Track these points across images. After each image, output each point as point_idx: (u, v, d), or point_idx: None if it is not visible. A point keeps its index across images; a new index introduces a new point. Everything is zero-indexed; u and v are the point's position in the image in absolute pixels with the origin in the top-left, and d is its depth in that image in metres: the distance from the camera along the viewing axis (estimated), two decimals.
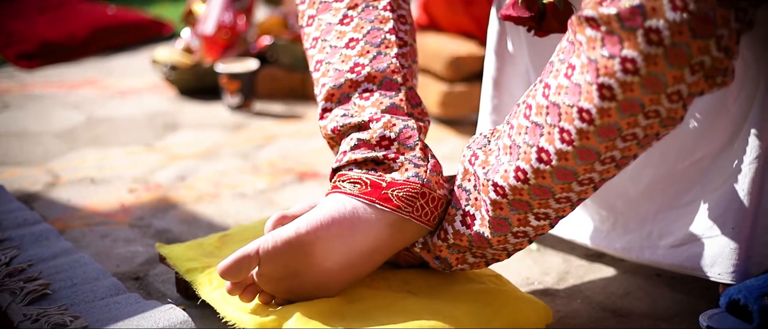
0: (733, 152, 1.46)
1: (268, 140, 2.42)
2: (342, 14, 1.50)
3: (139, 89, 2.92)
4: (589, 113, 1.16)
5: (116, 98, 2.81)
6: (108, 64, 3.25)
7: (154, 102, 2.77)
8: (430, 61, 2.51)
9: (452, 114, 2.49)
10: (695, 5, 1.07)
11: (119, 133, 2.46)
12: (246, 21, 2.86)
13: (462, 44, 2.53)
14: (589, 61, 1.14)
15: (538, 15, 1.49)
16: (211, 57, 2.76)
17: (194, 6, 2.89)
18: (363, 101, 1.45)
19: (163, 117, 2.61)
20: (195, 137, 2.44)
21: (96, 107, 2.70)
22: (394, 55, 1.47)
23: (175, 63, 2.78)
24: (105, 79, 3.03)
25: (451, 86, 2.47)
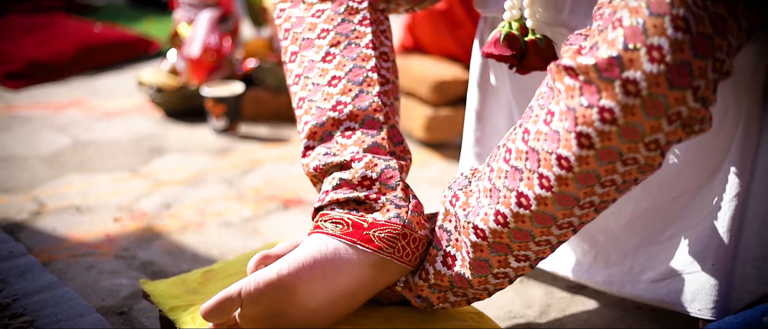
0: (713, 189, 1.47)
1: (254, 165, 2.43)
2: (324, 51, 1.51)
3: (126, 110, 2.92)
4: (568, 161, 1.17)
5: (102, 120, 2.81)
6: (94, 84, 3.25)
7: (140, 124, 2.77)
8: (415, 85, 2.52)
9: (437, 138, 2.50)
10: (672, 57, 1.08)
11: (105, 157, 2.46)
12: (232, 43, 2.86)
13: (447, 68, 2.54)
14: (568, 109, 1.15)
15: (519, 53, 1.50)
16: (197, 79, 2.77)
17: (180, 28, 2.89)
18: (345, 140, 1.46)
19: (149, 141, 2.62)
20: (180, 161, 2.44)
21: (82, 130, 2.70)
22: (376, 93, 1.48)
23: (161, 85, 2.78)
24: (91, 100, 3.03)
25: (436, 110, 2.48)
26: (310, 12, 1.54)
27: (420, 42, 2.70)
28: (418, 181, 2.31)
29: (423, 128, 2.48)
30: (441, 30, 2.59)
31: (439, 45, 2.64)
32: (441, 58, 2.65)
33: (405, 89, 2.57)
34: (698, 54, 1.09)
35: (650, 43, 1.09)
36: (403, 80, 2.55)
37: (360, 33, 1.52)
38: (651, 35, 1.09)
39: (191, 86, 2.78)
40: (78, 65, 3.38)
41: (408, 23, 2.70)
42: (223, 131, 2.65)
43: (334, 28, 1.52)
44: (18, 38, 3.49)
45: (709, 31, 1.10)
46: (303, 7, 1.55)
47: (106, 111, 2.92)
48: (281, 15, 1.58)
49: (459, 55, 2.60)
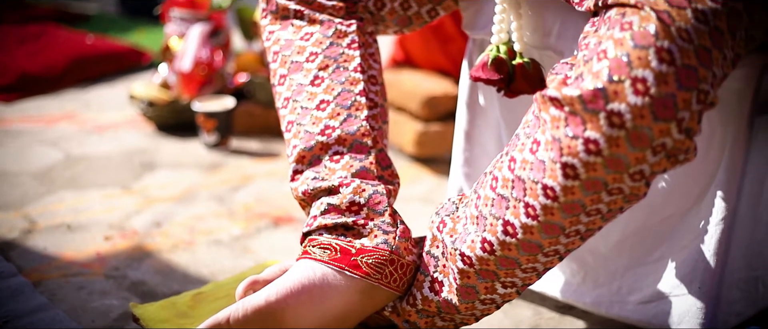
0: (700, 212, 1.48)
1: (245, 180, 2.43)
2: (313, 75, 1.51)
3: (117, 123, 2.93)
4: (554, 190, 1.18)
5: (94, 134, 2.81)
6: (86, 96, 3.25)
7: (132, 138, 2.78)
8: (405, 100, 2.53)
9: (427, 153, 2.51)
10: (656, 89, 1.09)
11: (96, 173, 2.47)
12: (223, 57, 2.87)
13: (437, 83, 2.54)
14: (553, 140, 1.16)
15: (507, 77, 1.51)
16: (189, 93, 2.77)
17: (171, 42, 2.89)
18: (333, 164, 1.46)
19: (141, 155, 2.62)
20: (172, 177, 2.44)
21: (74, 144, 2.70)
22: (365, 117, 1.48)
23: (153, 99, 2.79)
24: (83, 113, 3.03)
25: (427, 126, 2.49)
26: (299, 35, 1.54)
27: (411, 56, 2.70)
28: (407, 198, 2.31)
29: (413, 143, 2.49)
30: (432, 45, 2.60)
31: (430, 59, 2.65)
32: (432, 72, 2.65)
33: (395, 104, 2.57)
34: (683, 86, 1.10)
35: (635, 75, 1.10)
36: (393, 95, 2.56)
37: (348, 56, 1.52)
38: (635, 67, 1.10)
39: (182, 100, 2.78)
40: (70, 77, 3.38)
41: (399, 37, 2.70)
42: (214, 146, 2.65)
43: (322, 52, 1.52)
44: (9, 49, 3.48)
45: (693, 62, 1.11)
46: (291, 29, 1.55)
47: (98, 125, 2.92)
48: (270, 37, 1.59)
49: (450, 70, 2.61)
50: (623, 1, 1.17)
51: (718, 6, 1.15)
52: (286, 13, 1.56)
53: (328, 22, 1.54)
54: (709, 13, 1.14)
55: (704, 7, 1.14)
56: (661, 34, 1.10)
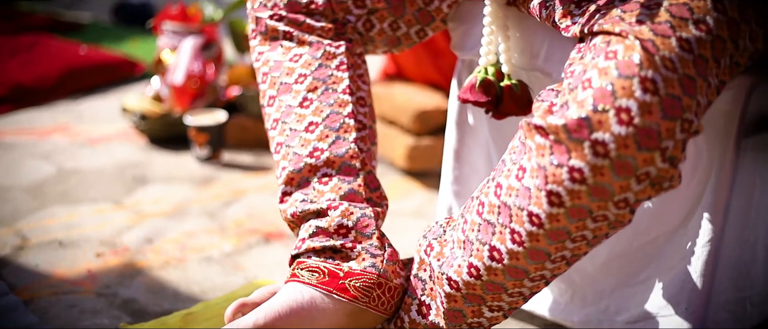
0: (687, 233, 1.48)
1: (236, 195, 2.43)
2: (302, 97, 1.52)
3: (109, 136, 2.93)
4: (539, 217, 1.18)
5: (86, 147, 2.81)
6: (79, 108, 3.25)
7: (124, 152, 2.78)
8: (397, 114, 2.53)
9: (419, 167, 2.51)
10: (640, 119, 1.10)
11: (88, 187, 2.47)
12: (215, 70, 2.87)
13: (429, 96, 2.55)
14: (539, 167, 1.17)
15: (495, 99, 1.52)
16: (181, 106, 2.78)
17: (163, 55, 2.90)
18: (322, 186, 1.47)
19: (133, 169, 2.62)
20: (163, 192, 2.45)
21: (66, 158, 2.70)
22: (353, 139, 1.49)
23: (145, 112, 2.79)
24: (75, 126, 3.04)
25: (418, 140, 2.49)
26: (288, 56, 1.55)
27: (402, 69, 2.71)
28: (398, 212, 2.32)
29: (404, 157, 2.49)
30: (423, 58, 2.61)
31: (422, 73, 2.65)
32: (423, 85, 2.66)
33: (387, 118, 2.58)
34: (667, 116, 1.11)
35: (619, 105, 1.10)
36: (385, 108, 2.57)
37: (337, 78, 1.53)
38: (620, 97, 1.10)
39: (175, 114, 2.79)
40: (63, 88, 3.38)
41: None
42: (206, 160, 2.66)
43: (311, 73, 1.53)
44: (2, 60, 3.48)
45: (677, 92, 1.12)
46: (281, 50, 1.56)
47: (90, 137, 2.92)
48: (259, 58, 1.59)
49: (441, 84, 2.61)
50: (608, 30, 1.18)
51: (703, 34, 1.16)
52: (276, 35, 1.57)
53: (317, 43, 1.55)
54: (693, 42, 1.15)
55: (689, 36, 1.15)
56: (646, 63, 1.11)
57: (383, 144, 2.58)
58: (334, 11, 1.56)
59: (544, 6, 1.40)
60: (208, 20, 2.97)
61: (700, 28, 1.17)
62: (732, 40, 1.21)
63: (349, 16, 1.57)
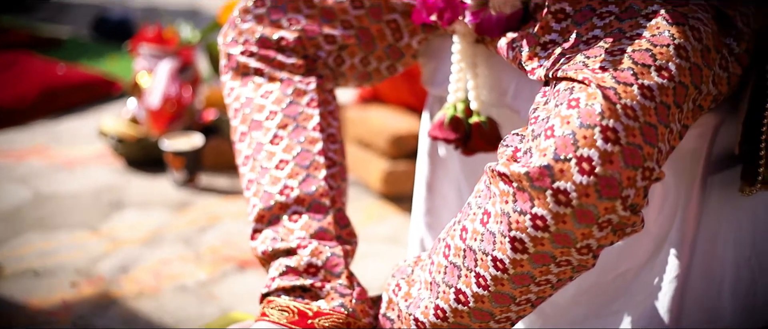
0: (654, 269, 1.50)
1: (212, 221, 2.44)
2: (272, 134, 1.53)
3: (87, 158, 2.93)
4: (503, 263, 1.20)
5: (63, 170, 2.82)
6: (56, 129, 3.25)
7: (101, 175, 2.78)
8: (372, 137, 2.54)
9: (394, 191, 2.52)
10: (601, 169, 1.11)
11: (65, 213, 2.47)
12: (192, 92, 2.88)
13: (404, 120, 2.56)
14: (503, 213, 1.18)
15: (464, 136, 1.53)
16: (158, 129, 2.78)
17: (139, 78, 2.90)
18: (292, 224, 1.48)
19: (109, 194, 2.63)
20: (139, 217, 2.46)
21: (43, 182, 2.71)
22: (323, 177, 1.50)
23: (122, 136, 2.79)
24: (53, 148, 3.04)
25: (394, 164, 2.50)
26: (259, 92, 1.56)
27: (378, 92, 2.72)
28: (373, 237, 2.33)
29: (380, 181, 2.50)
30: (398, 82, 2.62)
31: (397, 96, 2.66)
32: (399, 108, 2.67)
33: (363, 141, 2.59)
34: (628, 165, 1.12)
35: (580, 154, 1.11)
36: (360, 131, 2.58)
37: (307, 115, 1.54)
38: (581, 147, 1.12)
39: (152, 137, 2.79)
40: (41, 109, 3.38)
41: None
42: (182, 184, 2.66)
43: (281, 110, 1.54)
44: None
45: (638, 141, 1.13)
46: (252, 86, 1.57)
47: (67, 159, 2.93)
48: (231, 94, 1.60)
49: (417, 106, 2.62)
50: (572, 76, 1.19)
51: (665, 81, 1.17)
52: (247, 70, 1.58)
53: (288, 80, 1.56)
54: (655, 89, 1.16)
55: (651, 83, 1.16)
56: (607, 112, 1.12)
57: (359, 167, 2.59)
58: (305, 47, 1.57)
59: (511, 47, 1.41)
60: (185, 43, 2.97)
61: (662, 74, 1.18)
62: (694, 85, 1.22)
63: (320, 52, 1.58)
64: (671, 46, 1.20)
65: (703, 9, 1.27)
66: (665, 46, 1.20)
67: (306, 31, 1.55)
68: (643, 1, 1.27)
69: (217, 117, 2.85)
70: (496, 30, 1.44)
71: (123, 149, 2.80)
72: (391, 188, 2.50)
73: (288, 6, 1.56)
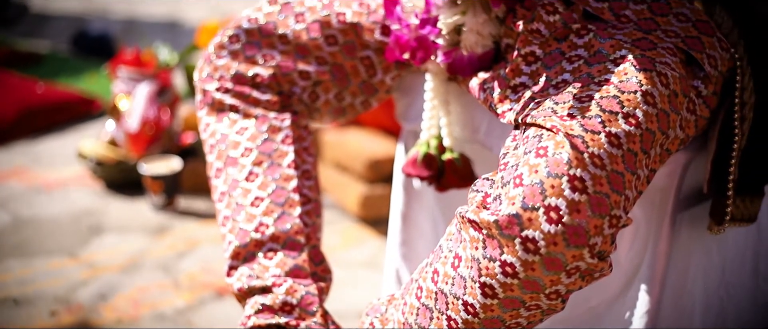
0: (625, 303, 1.52)
1: (190, 246, 2.45)
2: (248, 171, 1.55)
3: (66, 180, 2.94)
4: (474, 307, 1.21)
5: (43, 193, 2.82)
6: (36, 149, 3.25)
7: (80, 198, 2.79)
8: (350, 161, 2.56)
9: (372, 215, 2.54)
10: (569, 218, 1.13)
11: (44, 238, 2.48)
12: (170, 115, 2.89)
13: (382, 144, 2.57)
14: (473, 259, 1.20)
15: (436, 172, 1.55)
16: (136, 152, 2.79)
17: (118, 100, 2.91)
18: (267, 261, 1.50)
19: (89, 218, 2.63)
20: (118, 242, 2.47)
21: (22, 205, 2.71)
22: (298, 215, 1.52)
23: (101, 158, 2.80)
24: (32, 169, 3.04)
25: (371, 188, 2.52)
26: (234, 129, 1.57)
27: None
28: (351, 262, 2.34)
29: (357, 205, 2.52)
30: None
31: (375, 118, 2.68)
32: (376, 130, 2.68)
33: (341, 164, 2.61)
34: (595, 213, 1.14)
35: (548, 203, 1.13)
36: (338, 154, 2.60)
37: (282, 152, 1.56)
38: (549, 196, 1.13)
39: (130, 160, 2.80)
40: (20, 129, 3.38)
41: None
42: (161, 208, 2.67)
43: (256, 147, 1.56)
44: None
45: (606, 189, 1.15)
46: (227, 123, 1.58)
47: (47, 182, 2.93)
48: (206, 129, 1.62)
49: (394, 129, 2.64)
50: (540, 123, 1.21)
51: (632, 128, 1.19)
52: (222, 107, 1.59)
53: (263, 116, 1.58)
54: (622, 136, 1.18)
55: (618, 131, 1.18)
56: (574, 162, 1.14)
57: (336, 190, 2.61)
58: (280, 84, 1.59)
59: (482, 88, 1.43)
60: (163, 65, 2.99)
61: (629, 122, 1.20)
62: (662, 131, 1.24)
63: (295, 88, 1.59)
64: (639, 93, 1.22)
65: (671, 53, 1.29)
66: (633, 92, 1.21)
67: (281, 67, 1.57)
68: (612, 46, 1.29)
69: (196, 140, 2.86)
70: (467, 70, 1.46)
71: (102, 172, 2.81)
72: (369, 211, 2.52)
73: (263, 42, 1.58)
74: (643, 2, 1.37)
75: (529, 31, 1.36)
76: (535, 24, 1.36)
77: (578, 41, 1.33)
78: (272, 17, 1.58)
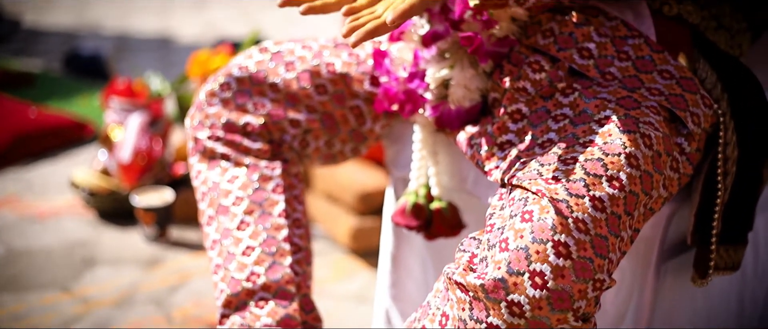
0: None
1: (183, 279, 2.47)
2: (239, 220, 1.57)
3: (59, 209, 2.95)
4: None
5: (36, 223, 2.83)
6: (28, 176, 3.26)
7: (73, 228, 2.80)
8: (341, 192, 2.58)
9: (363, 247, 2.55)
10: (553, 283, 1.15)
11: (37, 271, 2.50)
12: (162, 145, 2.90)
13: (373, 175, 2.59)
14: (460, 319, 1.22)
15: (425, 222, 1.57)
16: (129, 183, 2.81)
17: (110, 131, 2.93)
18: (259, 310, 1.52)
19: (82, 249, 2.65)
20: (111, 275, 2.48)
21: (15, 236, 2.73)
22: (289, 264, 1.54)
23: (93, 189, 2.82)
24: (25, 197, 3.05)
25: (362, 220, 2.54)
26: (226, 177, 1.60)
27: None
28: (341, 296, 2.36)
29: (348, 237, 2.53)
30: None
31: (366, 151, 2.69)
32: (368, 162, 2.70)
33: (331, 195, 2.63)
34: (579, 278, 1.16)
35: (533, 269, 1.16)
36: (329, 186, 2.62)
37: (273, 201, 1.58)
38: (534, 262, 1.16)
39: (123, 190, 2.82)
40: (12, 155, 3.38)
41: None
42: (154, 239, 2.69)
43: (247, 196, 1.58)
44: None
45: (589, 254, 1.17)
46: (219, 171, 1.61)
47: (39, 211, 2.94)
48: (198, 176, 1.64)
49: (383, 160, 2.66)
50: (526, 187, 1.23)
51: (616, 191, 1.21)
52: (213, 155, 1.62)
53: (254, 165, 1.60)
54: (606, 200, 1.20)
55: (602, 194, 1.20)
56: (559, 227, 1.17)
57: (327, 221, 2.63)
58: (271, 132, 1.61)
59: (470, 144, 1.45)
60: (155, 95, 3.00)
61: (613, 185, 1.22)
62: (645, 192, 1.26)
63: (285, 136, 1.62)
64: (622, 155, 1.24)
65: (655, 111, 1.32)
66: (617, 155, 1.24)
67: (271, 115, 1.59)
68: (596, 106, 1.31)
69: (187, 170, 2.87)
70: (455, 123, 1.49)
71: (95, 202, 2.83)
72: (359, 244, 2.54)
73: (253, 90, 1.60)
74: (628, 59, 1.39)
75: (515, 88, 1.39)
76: (522, 82, 1.38)
77: (564, 100, 1.35)
78: (263, 65, 1.61)
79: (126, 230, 2.80)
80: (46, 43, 5.26)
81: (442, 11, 1.49)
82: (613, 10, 1.44)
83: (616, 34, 1.42)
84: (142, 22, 5.76)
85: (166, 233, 2.71)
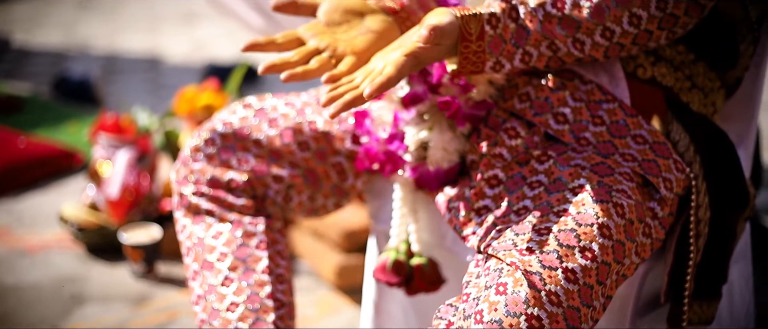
0: None
1: (170, 317, 2.49)
2: (223, 276, 1.60)
3: (48, 243, 2.97)
4: None
5: (25, 257, 2.85)
6: (18, 208, 3.27)
7: (62, 263, 2.82)
8: (326, 229, 2.61)
9: (348, 284, 2.58)
10: None
11: (27, 308, 2.52)
12: (150, 181, 2.93)
13: (357, 214, 2.62)
14: None
15: (405, 278, 1.60)
16: (117, 218, 2.83)
17: (99, 166, 2.95)
18: None
19: (71, 285, 2.67)
20: (100, 313, 2.50)
21: (5, 271, 2.74)
22: (272, 321, 1.58)
23: (82, 224, 2.84)
24: (14, 230, 3.07)
25: (347, 258, 2.56)
26: (210, 233, 1.63)
27: None
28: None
29: (333, 273, 2.56)
30: None
31: None
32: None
33: (317, 232, 2.66)
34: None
35: None
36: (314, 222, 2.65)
37: (256, 257, 1.62)
38: None
39: (111, 226, 2.84)
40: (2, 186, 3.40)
41: None
42: (142, 276, 2.72)
43: (231, 252, 1.61)
44: None
45: (562, 326, 1.21)
46: (203, 226, 1.64)
47: (29, 244, 2.96)
48: (183, 231, 1.67)
49: None
50: (501, 258, 1.27)
51: (588, 262, 1.25)
52: (198, 210, 1.65)
53: (238, 221, 1.63)
54: (578, 271, 1.24)
55: (574, 266, 1.24)
56: (532, 301, 1.20)
57: (312, 257, 2.66)
58: (254, 187, 1.64)
59: (448, 207, 1.48)
60: (143, 131, 3.03)
61: (585, 255, 1.25)
62: (617, 261, 1.30)
63: (269, 191, 1.65)
64: (595, 226, 1.27)
65: (628, 178, 1.35)
66: (589, 225, 1.27)
67: (255, 171, 1.62)
68: (570, 174, 1.34)
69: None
70: (433, 184, 1.52)
71: (83, 237, 2.85)
72: (344, 281, 2.56)
73: (237, 146, 1.63)
74: (602, 124, 1.42)
75: (492, 154, 1.42)
76: (498, 148, 1.42)
77: (539, 167, 1.39)
78: (246, 122, 1.64)
79: (114, 266, 2.82)
80: (35, 64, 5.27)
81: (421, 74, 1.52)
82: (588, 74, 1.48)
83: (590, 99, 1.45)
84: (130, 41, 5.76)
85: (154, 269, 2.73)
